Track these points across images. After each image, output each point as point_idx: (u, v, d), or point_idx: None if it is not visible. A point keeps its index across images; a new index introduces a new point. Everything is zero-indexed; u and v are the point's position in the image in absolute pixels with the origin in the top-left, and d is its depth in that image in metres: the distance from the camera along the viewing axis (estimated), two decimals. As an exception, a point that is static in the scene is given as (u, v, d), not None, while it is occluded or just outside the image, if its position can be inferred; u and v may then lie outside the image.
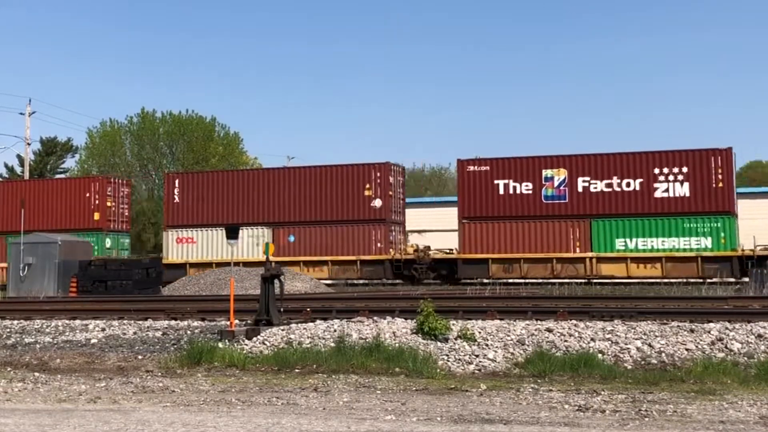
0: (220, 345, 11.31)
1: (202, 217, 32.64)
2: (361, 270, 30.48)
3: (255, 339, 11.69)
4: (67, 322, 14.53)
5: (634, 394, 8.25)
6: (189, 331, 13.10)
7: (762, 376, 8.97)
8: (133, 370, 10.60)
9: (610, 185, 28.59)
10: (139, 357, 11.39)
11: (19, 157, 53.23)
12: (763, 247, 27.49)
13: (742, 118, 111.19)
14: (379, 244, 30.36)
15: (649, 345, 10.52)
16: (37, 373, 10.43)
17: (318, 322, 12.41)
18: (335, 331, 11.64)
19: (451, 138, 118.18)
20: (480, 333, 11.15)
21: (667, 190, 28.04)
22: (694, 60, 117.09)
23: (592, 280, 27.98)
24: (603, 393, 8.36)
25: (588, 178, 28.83)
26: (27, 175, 48.54)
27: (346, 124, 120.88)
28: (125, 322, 14.29)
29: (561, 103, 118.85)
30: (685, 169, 27.96)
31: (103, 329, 13.62)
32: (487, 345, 10.76)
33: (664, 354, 10.27)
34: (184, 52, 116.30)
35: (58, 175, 58.09)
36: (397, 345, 10.75)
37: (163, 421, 7.03)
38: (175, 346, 11.89)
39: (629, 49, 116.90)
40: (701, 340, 10.60)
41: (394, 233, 31.20)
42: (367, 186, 30.83)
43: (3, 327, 14.29)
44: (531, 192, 29.27)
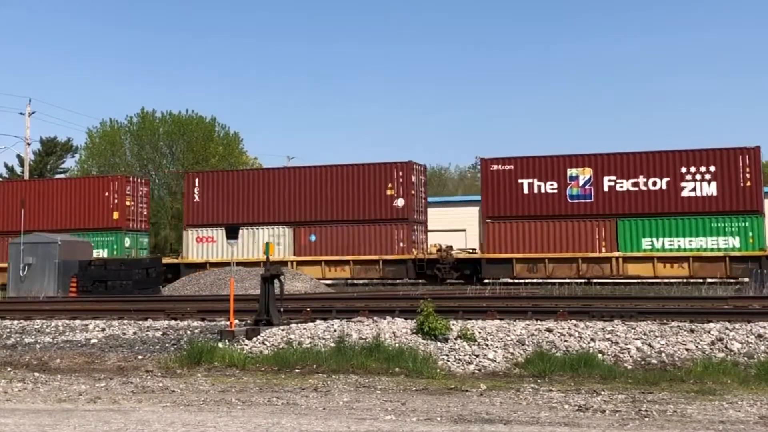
0: (220, 345, 11.31)
1: (223, 216, 32.23)
2: (383, 270, 30.11)
3: (255, 339, 11.69)
4: (67, 322, 14.54)
5: (634, 394, 8.26)
6: (189, 331, 13.10)
7: (762, 376, 8.97)
8: (133, 370, 10.61)
9: (636, 184, 28.27)
10: (139, 357, 11.39)
11: (19, 157, 53.36)
12: None
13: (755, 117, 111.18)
14: (401, 244, 30.06)
15: (649, 345, 10.52)
16: (37, 373, 10.43)
17: (318, 322, 12.41)
18: (335, 331, 11.65)
19: (451, 138, 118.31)
20: (480, 333, 11.16)
21: (694, 189, 27.76)
22: (694, 60, 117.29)
23: (618, 280, 27.63)
24: (603, 393, 8.37)
25: (614, 177, 28.50)
26: (27, 176, 48.52)
27: (346, 124, 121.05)
28: (125, 322, 14.30)
29: (561, 103, 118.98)
30: (712, 168, 27.65)
31: (103, 329, 13.62)
32: (487, 345, 10.76)
33: (664, 354, 10.27)
34: (184, 52, 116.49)
35: (58, 175, 58.14)
36: (397, 345, 10.75)
37: (163, 421, 7.03)
38: (175, 346, 11.90)
39: (629, 49, 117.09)
40: (701, 340, 10.61)
41: (417, 233, 30.86)
42: (389, 185, 30.52)
43: (3, 327, 14.30)
44: (556, 191, 28.91)
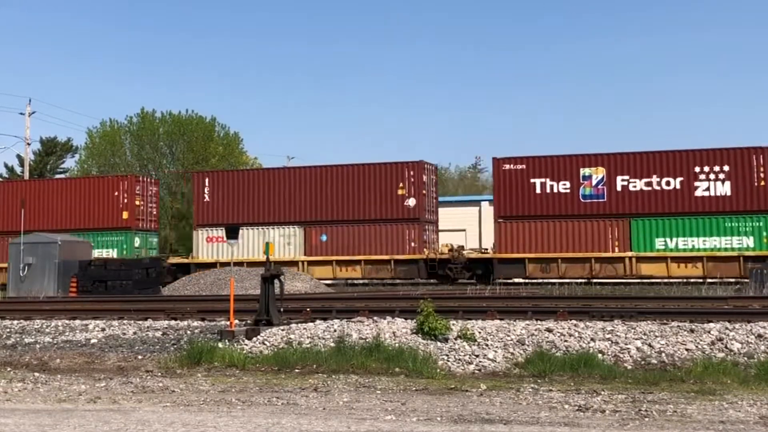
0: (220, 345, 11.31)
1: (233, 216, 32.13)
2: (394, 270, 29.99)
3: (255, 339, 11.69)
4: (67, 322, 14.53)
5: (634, 394, 8.25)
6: (189, 331, 13.09)
7: (762, 376, 8.97)
8: (133, 370, 10.60)
9: (649, 184, 28.12)
10: (139, 357, 11.39)
11: (19, 157, 53.31)
12: None
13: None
14: (413, 244, 29.96)
15: (649, 345, 10.52)
16: (37, 373, 10.43)
17: (318, 322, 12.41)
18: (335, 331, 11.64)
19: (451, 138, 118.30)
20: (480, 333, 11.15)
21: (708, 189, 27.61)
22: (694, 60, 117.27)
23: (631, 280, 27.49)
24: (603, 393, 8.36)
25: (627, 177, 28.34)
26: (27, 176, 48.52)
27: (346, 124, 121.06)
28: (125, 322, 14.30)
29: (561, 103, 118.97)
30: (726, 167, 27.52)
31: (103, 329, 13.62)
32: (487, 345, 10.76)
33: (664, 354, 10.27)
34: (184, 52, 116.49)
35: (58, 175, 58.12)
36: (397, 345, 10.75)
37: (163, 421, 7.03)
38: (175, 346, 11.90)
39: (629, 49, 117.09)
40: (701, 340, 10.61)
41: (428, 232, 30.75)
42: (401, 185, 30.39)
43: (3, 327, 14.29)
44: (568, 191, 28.76)
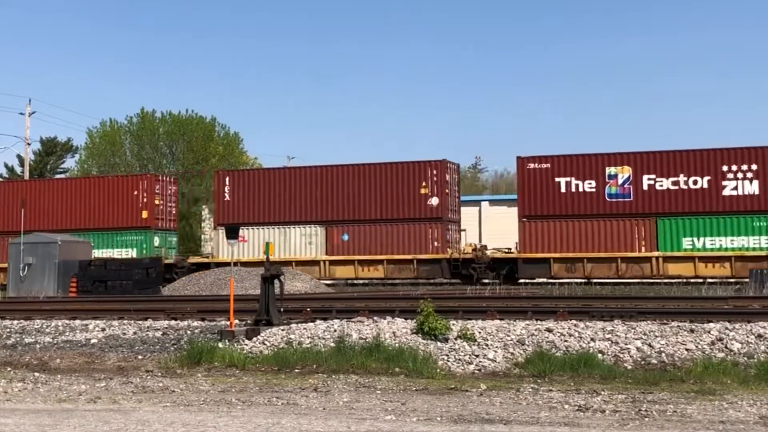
0: (220, 345, 11.31)
1: (254, 215, 31.94)
2: (417, 269, 29.76)
3: (255, 339, 11.69)
4: (67, 322, 14.53)
5: (634, 394, 8.25)
6: (189, 331, 13.09)
7: (762, 376, 8.97)
8: (133, 370, 10.60)
9: (676, 183, 27.86)
10: (139, 357, 11.39)
11: (19, 157, 53.32)
12: None
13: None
14: (436, 243, 29.71)
15: (649, 345, 10.52)
16: (37, 373, 10.43)
17: (318, 322, 12.41)
18: (335, 331, 11.64)
19: (451, 138, 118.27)
20: (480, 333, 11.15)
21: (735, 188, 27.35)
22: (694, 60, 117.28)
23: (658, 281, 27.19)
24: (603, 393, 8.36)
25: (653, 176, 28.07)
26: (27, 176, 48.51)
27: (346, 124, 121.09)
28: (125, 322, 14.29)
29: (561, 103, 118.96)
30: (754, 166, 27.27)
31: (103, 329, 13.62)
32: (487, 345, 10.76)
33: (664, 354, 10.27)
34: (184, 52, 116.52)
35: (58, 175, 58.10)
36: (397, 345, 10.75)
37: (163, 421, 7.03)
38: (175, 346, 11.89)
39: (629, 49, 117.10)
40: (701, 340, 10.60)
41: (451, 232, 30.55)
42: (423, 184, 30.17)
43: (3, 327, 14.29)
44: (594, 190, 28.47)
